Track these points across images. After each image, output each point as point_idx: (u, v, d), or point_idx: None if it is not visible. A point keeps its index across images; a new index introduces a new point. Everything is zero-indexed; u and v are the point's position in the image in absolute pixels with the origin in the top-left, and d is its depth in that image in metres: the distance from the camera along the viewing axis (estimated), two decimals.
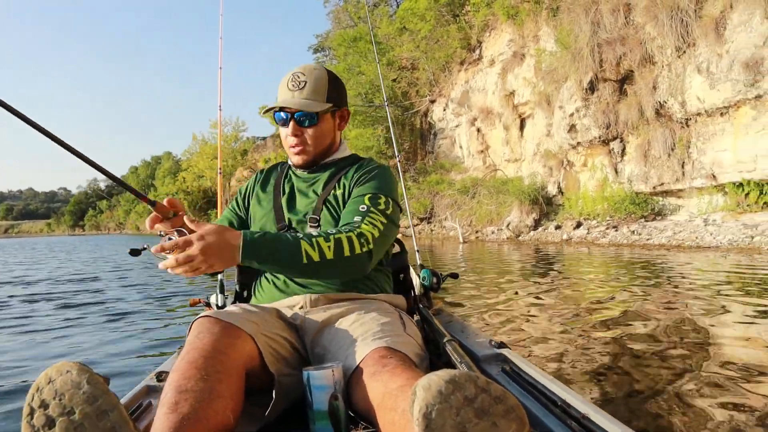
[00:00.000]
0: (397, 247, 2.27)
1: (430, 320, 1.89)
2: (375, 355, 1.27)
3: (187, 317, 5.01)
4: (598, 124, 14.35)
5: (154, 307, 5.92)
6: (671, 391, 2.41)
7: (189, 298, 2.56)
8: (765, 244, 9.17)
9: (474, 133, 21.84)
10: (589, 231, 14.04)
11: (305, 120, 1.75)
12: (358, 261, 1.50)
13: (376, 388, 1.16)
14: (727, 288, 5.46)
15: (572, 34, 14.61)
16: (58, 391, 1.01)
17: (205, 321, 1.35)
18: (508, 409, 0.89)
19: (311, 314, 1.60)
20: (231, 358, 1.24)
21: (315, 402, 1.25)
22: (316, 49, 49.20)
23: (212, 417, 1.08)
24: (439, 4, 23.59)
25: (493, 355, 1.61)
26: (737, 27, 10.49)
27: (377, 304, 1.63)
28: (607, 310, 4.52)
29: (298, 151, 1.80)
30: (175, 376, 1.15)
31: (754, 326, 3.69)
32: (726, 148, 11.44)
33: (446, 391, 0.87)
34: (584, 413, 1.10)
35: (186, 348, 1.25)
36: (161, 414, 1.06)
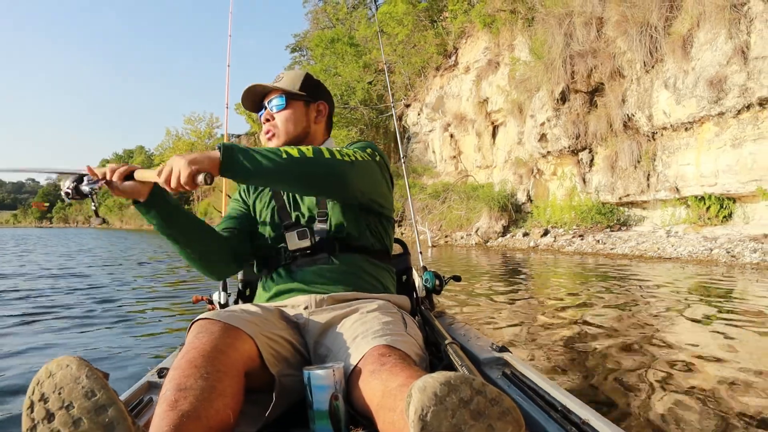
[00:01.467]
0: (399, 248, 2.30)
1: (431, 322, 1.89)
2: (375, 352, 1.27)
3: (189, 314, 4.99)
4: (568, 134, 14.60)
5: (156, 303, 5.88)
6: (673, 398, 2.43)
7: (192, 295, 2.57)
8: (722, 257, 9.44)
9: (447, 138, 22.03)
10: (556, 239, 14.27)
11: (275, 106, 1.82)
12: (339, 166, 1.54)
13: (375, 387, 1.16)
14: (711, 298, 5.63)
15: (546, 44, 14.84)
16: (57, 385, 1.01)
17: (205, 322, 1.35)
18: (504, 411, 0.89)
19: (315, 315, 1.60)
20: (230, 357, 1.24)
21: (315, 402, 1.25)
22: (294, 48, 49.03)
23: (212, 415, 1.09)
24: (417, 10, 23.78)
25: (494, 358, 1.60)
26: (703, 45, 10.79)
27: (380, 304, 1.62)
28: (594, 317, 4.61)
29: (269, 136, 1.84)
30: (175, 374, 1.15)
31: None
32: (689, 162, 11.74)
33: (441, 393, 0.87)
34: (585, 419, 1.10)
35: (185, 348, 1.25)
36: (161, 411, 1.06)
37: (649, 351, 3.33)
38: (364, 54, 27.71)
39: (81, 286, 7.26)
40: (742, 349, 3.39)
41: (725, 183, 10.89)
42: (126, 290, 7.03)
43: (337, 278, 1.69)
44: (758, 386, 2.61)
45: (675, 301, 5.33)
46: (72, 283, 7.63)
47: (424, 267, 2.47)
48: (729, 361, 3.11)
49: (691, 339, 3.71)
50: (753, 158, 10.20)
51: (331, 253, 1.72)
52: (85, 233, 46.12)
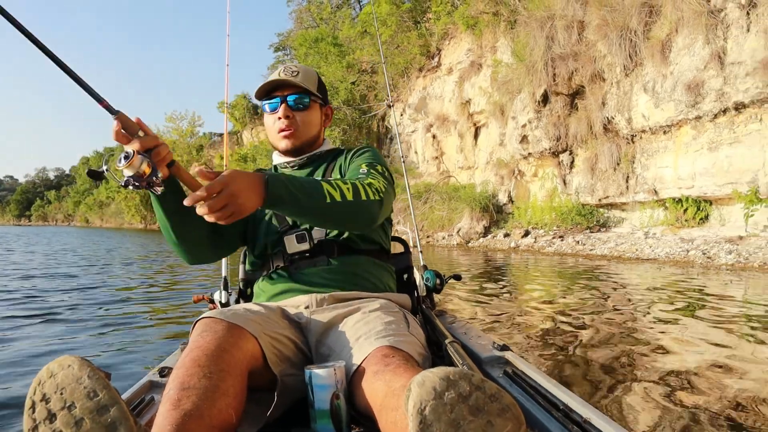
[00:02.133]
0: (400, 246, 2.31)
1: (432, 321, 1.89)
2: (378, 353, 1.26)
3: (190, 313, 4.98)
4: (549, 136, 14.75)
5: (157, 302, 5.86)
6: (674, 397, 2.45)
7: (193, 295, 2.53)
8: (698, 258, 9.60)
9: (429, 139, 22.12)
10: (536, 240, 14.40)
11: (298, 104, 1.77)
12: (372, 207, 1.52)
13: (378, 387, 1.15)
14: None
15: (528, 47, 14.96)
16: (59, 386, 1.01)
17: (209, 321, 1.34)
18: (503, 407, 0.89)
19: (317, 314, 1.59)
20: (234, 357, 1.23)
21: (317, 401, 1.25)
22: (277, 47, 48.93)
23: (215, 415, 1.08)
24: (401, 10, 23.85)
25: (495, 357, 1.60)
26: (681, 50, 10.97)
27: (382, 303, 1.62)
28: (581, 317, 4.66)
29: (288, 134, 1.78)
30: (179, 373, 1.14)
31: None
32: (667, 165, 11.93)
33: (440, 388, 0.87)
34: (586, 417, 1.10)
35: (189, 346, 1.24)
36: (164, 410, 1.06)
37: (646, 351, 3.36)
38: (348, 54, 27.74)
39: (75, 287, 7.19)
40: (739, 351, 3.42)
41: (702, 185, 11.08)
42: (122, 290, 6.99)
43: (337, 278, 1.68)
44: (757, 388, 2.64)
45: (665, 302, 5.41)
46: (65, 284, 7.56)
47: (425, 266, 2.47)
48: (728, 361, 3.14)
49: (688, 339, 3.75)
50: (729, 161, 10.39)
51: (330, 255, 1.71)
52: (66, 232, 45.53)
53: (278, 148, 1.85)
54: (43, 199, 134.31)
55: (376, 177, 1.64)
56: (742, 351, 3.43)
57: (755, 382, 2.72)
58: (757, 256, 8.87)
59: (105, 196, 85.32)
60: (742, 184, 10.15)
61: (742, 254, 9.14)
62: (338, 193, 1.45)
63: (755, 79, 9.34)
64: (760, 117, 9.72)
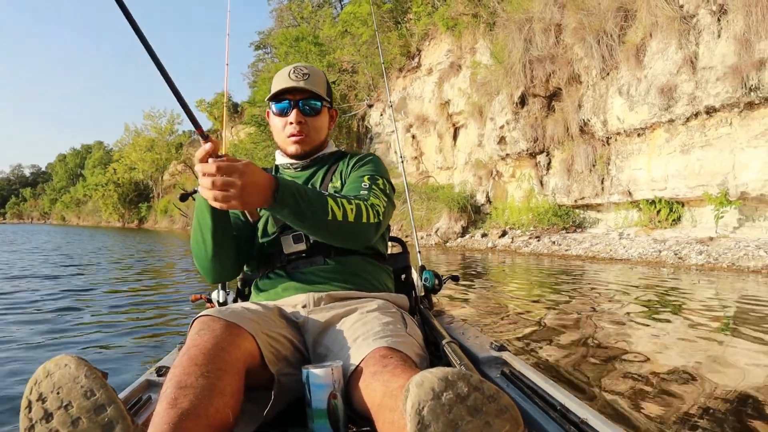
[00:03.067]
0: (398, 246, 2.32)
1: (430, 321, 1.88)
2: (376, 354, 1.27)
3: (188, 313, 4.96)
4: (527, 137, 14.91)
5: (154, 302, 5.84)
6: (671, 396, 2.46)
7: (191, 294, 2.52)
8: (670, 259, 9.80)
9: (409, 139, 22.21)
10: (513, 240, 14.56)
11: (310, 109, 1.78)
12: (369, 230, 1.56)
13: (376, 388, 1.15)
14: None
15: (506, 49, 15.12)
16: (56, 385, 1.01)
17: (207, 319, 1.34)
18: (501, 408, 0.89)
19: (314, 314, 1.59)
20: (232, 355, 1.24)
21: (314, 400, 1.26)
22: (258, 46, 48.74)
23: (212, 414, 1.08)
24: (382, 11, 23.91)
25: (493, 357, 1.60)
26: (655, 54, 11.17)
27: (380, 303, 1.62)
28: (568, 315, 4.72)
29: (299, 139, 1.79)
30: (176, 372, 1.14)
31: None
32: (641, 167, 12.14)
33: (439, 389, 0.87)
34: (583, 418, 1.10)
35: (187, 345, 1.24)
36: (161, 409, 1.05)
37: (642, 350, 3.38)
38: (328, 54, 27.75)
39: (65, 287, 7.11)
40: (731, 349, 3.46)
41: (674, 187, 11.29)
42: (116, 290, 6.95)
43: (335, 277, 1.69)
44: (751, 385, 2.67)
45: (651, 303, 5.50)
46: (55, 283, 7.47)
47: (423, 266, 2.46)
48: (726, 360, 3.18)
49: (682, 338, 3.76)
50: (700, 164, 10.61)
51: (327, 255, 1.72)
52: (43, 230, 44.80)
53: (286, 152, 1.86)
54: (18, 197, 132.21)
55: (378, 196, 1.67)
56: (734, 349, 3.48)
57: (749, 379, 2.77)
58: (726, 257, 9.07)
59: (82, 194, 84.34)
60: (712, 186, 10.37)
61: (712, 255, 9.34)
62: (341, 212, 1.50)
63: (725, 84, 9.56)
64: (730, 121, 9.94)
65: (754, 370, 2.97)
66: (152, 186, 65.17)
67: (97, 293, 6.54)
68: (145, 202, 66.33)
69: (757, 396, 2.51)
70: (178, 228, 46.84)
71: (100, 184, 69.60)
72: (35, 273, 8.89)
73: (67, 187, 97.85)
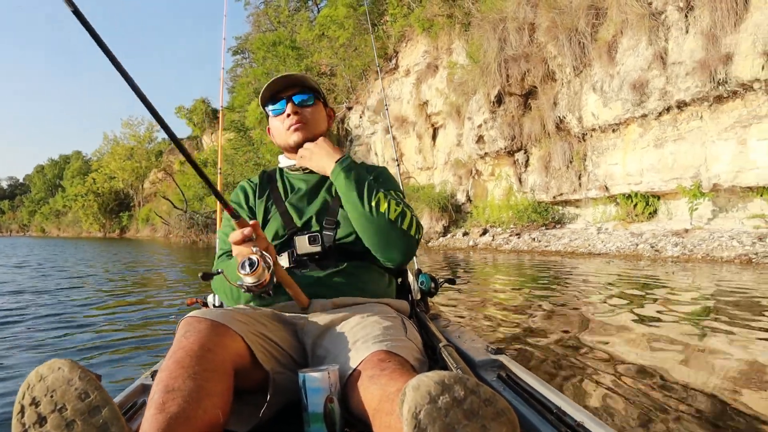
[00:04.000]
0: None
1: (427, 325, 1.88)
2: (374, 358, 1.27)
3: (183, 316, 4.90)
4: (504, 135, 15.06)
5: (150, 306, 5.83)
6: (668, 398, 2.44)
7: (187, 298, 2.49)
8: (646, 252, 9.96)
9: (389, 140, 22.28)
10: (494, 238, 14.69)
11: (304, 101, 1.82)
12: (410, 242, 1.67)
13: (373, 392, 1.15)
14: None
15: (481, 49, 15.25)
16: (49, 388, 1.00)
17: (192, 320, 1.33)
18: (498, 411, 0.89)
19: (314, 317, 1.59)
20: (218, 356, 1.23)
21: (310, 404, 1.25)
22: (236, 51, 48.57)
23: (201, 416, 1.08)
24: (358, 13, 23.97)
25: (489, 361, 1.59)
26: (626, 51, 11.35)
27: (380, 308, 1.63)
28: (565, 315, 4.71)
29: (298, 126, 1.81)
30: (162, 376, 1.14)
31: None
32: (617, 162, 12.32)
33: (435, 392, 0.87)
34: (579, 421, 1.10)
35: (173, 348, 1.23)
36: (149, 415, 1.05)
37: (639, 350, 3.34)
38: (306, 57, 27.77)
39: (56, 293, 7.07)
40: (733, 349, 3.40)
41: (649, 181, 11.49)
42: (119, 289, 6.94)
43: (341, 284, 1.69)
44: (755, 390, 2.62)
45: (638, 299, 5.52)
46: (44, 291, 7.42)
47: (419, 269, 2.44)
48: (725, 361, 3.13)
49: (676, 337, 3.70)
50: (673, 158, 10.81)
51: (338, 260, 1.72)
52: (24, 243, 43.96)
53: (289, 143, 1.85)
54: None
55: (406, 213, 1.70)
56: (733, 347, 3.43)
57: (747, 378, 2.74)
58: (701, 248, 9.25)
59: (61, 205, 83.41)
60: (686, 179, 10.57)
61: (687, 246, 9.52)
62: (386, 205, 1.65)
63: (694, 79, 9.74)
64: (701, 115, 10.14)
65: (754, 368, 2.95)
66: (133, 195, 64.65)
67: (87, 299, 6.51)
68: (126, 211, 65.76)
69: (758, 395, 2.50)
70: (160, 236, 46.47)
71: (80, 194, 68.83)
72: (27, 288, 8.81)
73: (46, 199, 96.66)
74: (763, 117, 9.02)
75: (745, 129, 9.35)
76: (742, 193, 9.88)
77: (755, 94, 9.04)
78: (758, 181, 9.26)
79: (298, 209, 1.79)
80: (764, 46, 8.49)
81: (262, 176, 1.96)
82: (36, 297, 7.12)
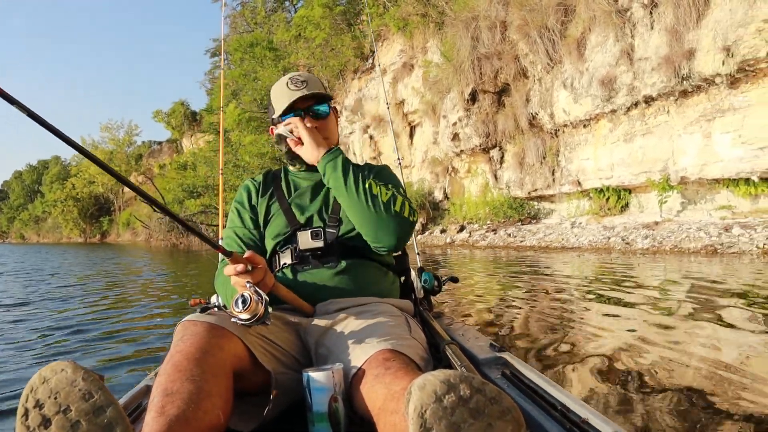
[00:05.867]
0: None
1: (430, 323, 1.87)
2: (379, 357, 1.26)
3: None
4: (479, 133, 15.21)
5: (153, 307, 5.81)
6: (672, 394, 2.41)
7: (190, 299, 2.52)
8: (618, 245, 10.15)
9: (367, 140, 22.38)
10: (471, 234, 14.84)
11: (321, 112, 1.79)
12: (403, 223, 1.65)
13: (378, 391, 1.15)
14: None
15: (455, 47, 15.38)
16: (53, 390, 0.99)
17: (189, 324, 1.32)
18: (503, 410, 0.89)
19: (318, 316, 1.60)
20: (217, 358, 1.22)
21: (314, 404, 1.25)
22: (214, 53, 48.37)
23: (201, 417, 1.08)
24: (334, 13, 24.01)
25: (493, 358, 1.60)
26: (595, 47, 11.54)
27: (384, 307, 1.63)
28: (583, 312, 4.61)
29: None
30: (161, 379, 1.14)
31: None
32: (589, 157, 12.52)
33: (441, 391, 0.87)
34: (584, 418, 1.10)
35: (171, 351, 1.23)
36: (150, 419, 1.05)
37: (638, 347, 3.30)
38: (283, 58, 27.76)
39: (58, 298, 6.99)
40: (732, 347, 3.33)
41: (620, 175, 11.69)
42: (120, 290, 6.89)
43: (343, 283, 1.68)
44: (752, 386, 2.57)
45: (621, 292, 5.50)
46: (44, 296, 7.33)
47: (422, 268, 2.42)
48: (724, 360, 3.03)
49: (679, 337, 3.61)
50: (642, 152, 11.01)
51: (340, 256, 1.71)
52: (5, 250, 43.07)
53: (307, 162, 1.82)
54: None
55: (405, 201, 1.71)
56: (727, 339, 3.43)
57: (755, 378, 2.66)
58: (669, 240, 9.45)
59: (41, 211, 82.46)
60: (654, 172, 10.78)
61: (657, 239, 9.72)
62: (378, 189, 1.66)
63: (660, 74, 9.94)
64: (668, 109, 10.35)
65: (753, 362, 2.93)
66: (113, 199, 64.15)
67: (89, 304, 6.42)
68: (107, 215, 65.25)
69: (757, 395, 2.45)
70: (141, 240, 46.17)
71: (59, 199, 68.14)
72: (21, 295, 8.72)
73: (25, 205, 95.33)
74: (726, 111, 9.23)
75: (710, 123, 9.56)
76: (709, 185, 10.09)
77: (718, 88, 9.25)
78: (723, 173, 9.47)
79: (301, 207, 1.79)
80: (724, 41, 8.69)
81: (267, 175, 1.96)
82: (33, 303, 7.08)
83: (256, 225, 1.83)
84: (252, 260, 1.36)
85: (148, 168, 54.20)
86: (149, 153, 58.64)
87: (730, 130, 9.24)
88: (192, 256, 18.60)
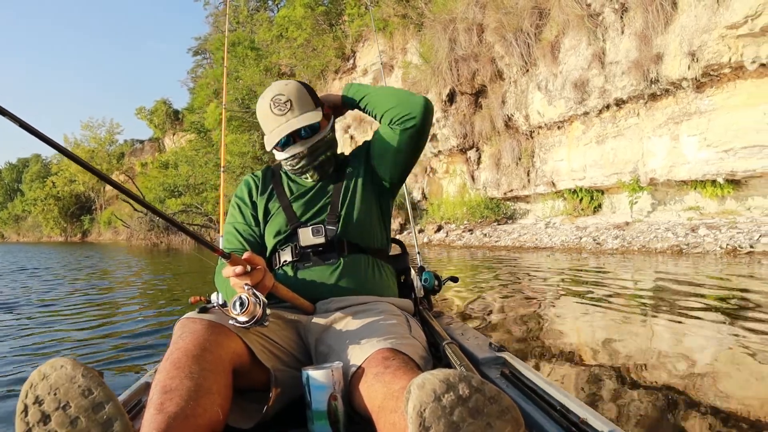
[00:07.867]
0: (398, 248, 2.32)
1: (430, 323, 1.89)
2: (378, 355, 1.26)
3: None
4: (457, 134, 15.37)
5: (153, 304, 5.81)
6: (670, 395, 2.42)
7: (191, 296, 2.49)
8: (589, 245, 10.33)
9: (348, 140, 22.44)
10: (448, 234, 14.99)
11: (306, 134, 1.75)
12: (428, 106, 1.78)
13: (377, 389, 1.15)
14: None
15: (433, 49, 15.52)
16: (52, 386, 1.00)
17: (187, 321, 1.33)
18: (503, 409, 0.89)
19: (318, 314, 1.60)
20: (215, 355, 1.23)
21: (314, 402, 1.26)
22: (196, 51, 48.24)
23: (200, 414, 1.08)
24: (316, 14, 24.07)
25: (492, 358, 1.60)
26: (568, 51, 11.73)
27: (384, 306, 1.63)
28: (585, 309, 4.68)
29: None
30: (160, 377, 1.14)
31: None
32: (562, 158, 12.72)
33: (440, 391, 0.87)
34: (583, 417, 1.11)
35: (170, 349, 1.23)
36: (149, 415, 1.05)
37: (638, 347, 3.31)
38: (265, 58, 27.77)
39: (75, 289, 6.99)
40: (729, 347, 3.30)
41: (593, 176, 11.89)
42: (120, 288, 6.87)
43: (343, 281, 1.68)
44: (751, 384, 2.59)
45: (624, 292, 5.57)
46: (41, 295, 7.23)
47: (422, 267, 2.42)
48: (723, 359, 3.06)
49: (679, 337, 3.62)
50: (614, 153, 11.22)
51: (340, 253, 1.71)
52: None
53: (307, 179, 1.84)
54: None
55: None
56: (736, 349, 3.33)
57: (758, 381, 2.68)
58: (638, 240, 9.64)
59: (21, 210, 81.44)
60: (625, 174, 10.99)
61: (626, 239, 9.91)
62: (392, 89, 1.89)
63: (630, 78, 10.15)
64: (638, 112, 10.56)
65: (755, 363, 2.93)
66: (94, 198, 63.60)
67: (97, 295, 6.49)
68: (88, 214, 64.67)
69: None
70: (122, 239, 45.79)
71: (39, 198, 67.41)
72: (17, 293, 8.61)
73: (4, 203, 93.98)
74: (693, 114, 9.45)
75: (677, 125, 9.77)
76: (678, 187, 10.31)
77: (684, 92, 9.47)
78: (690, 175, 9.69)
79: (302, 204, 1.78)
80: (690, 46, 8.90)
81: (266, 172, 1.95)
82: (29, 302, 7.05)
83: (257, 221, 1.83)
84: (251, 261, 1.36)
85: (130, 167, 53.86)
86: (131, 151, 58.28)
87: (696, 133, 9.45)
88: (172, 254, 18.54)
